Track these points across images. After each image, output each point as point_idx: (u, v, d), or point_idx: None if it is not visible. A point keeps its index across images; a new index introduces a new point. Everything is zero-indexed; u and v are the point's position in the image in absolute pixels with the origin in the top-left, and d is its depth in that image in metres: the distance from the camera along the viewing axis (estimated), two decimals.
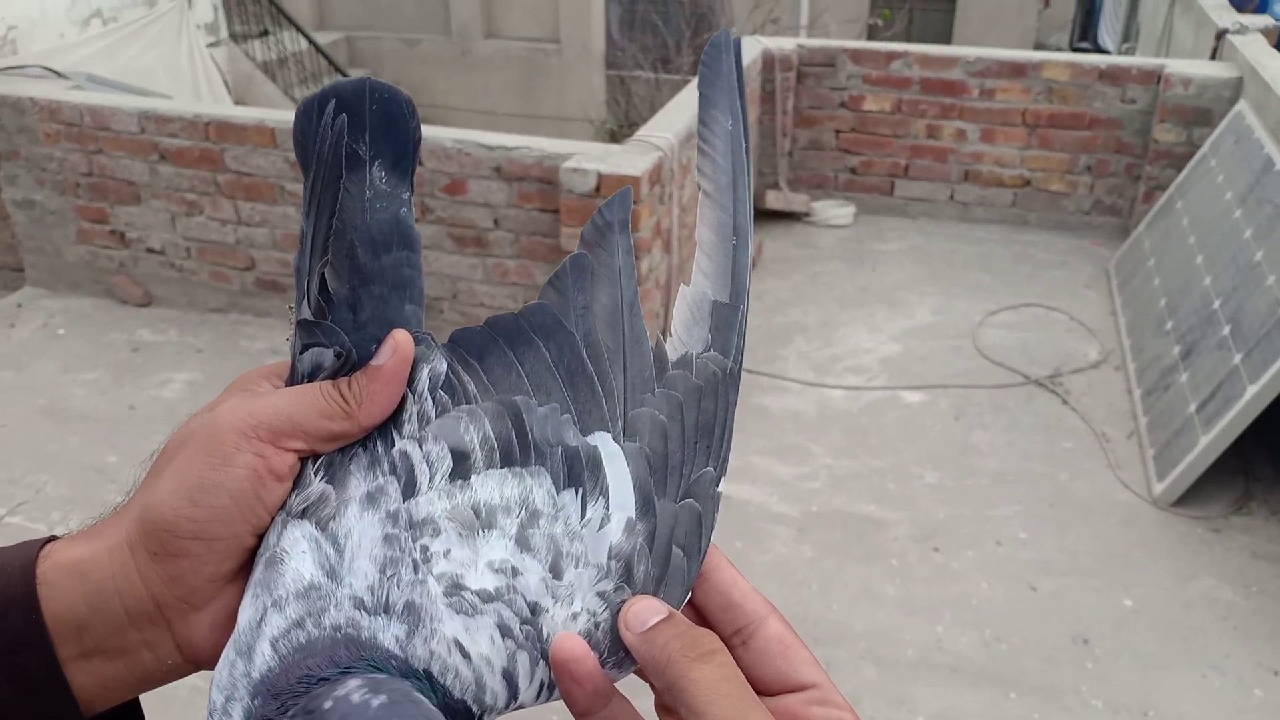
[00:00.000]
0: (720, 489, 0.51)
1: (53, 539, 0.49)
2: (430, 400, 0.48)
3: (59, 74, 5.03)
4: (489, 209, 4.11)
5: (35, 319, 4.70)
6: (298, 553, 0.45)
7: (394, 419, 0.48)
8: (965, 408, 4.04)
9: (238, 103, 7.90)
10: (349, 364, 0.48)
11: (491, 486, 0.46)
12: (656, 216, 3.98)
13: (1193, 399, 3.57)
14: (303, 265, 0.50)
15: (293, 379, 0.50)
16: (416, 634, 0.44)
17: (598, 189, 3.77)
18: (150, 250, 4.70)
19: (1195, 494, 3.44)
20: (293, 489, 0.47)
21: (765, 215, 5.65)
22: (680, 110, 4.42)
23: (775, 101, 5.51)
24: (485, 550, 0.45)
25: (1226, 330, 3.62)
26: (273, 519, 0.47)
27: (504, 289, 4.24)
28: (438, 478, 0.47)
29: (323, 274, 0.49)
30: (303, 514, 0.46)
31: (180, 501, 0.46)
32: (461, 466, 0.47)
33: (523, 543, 0.46)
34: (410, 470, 0.47)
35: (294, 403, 0.47)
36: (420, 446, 0.47)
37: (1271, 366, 3.22)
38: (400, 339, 0.48)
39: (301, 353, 0.49)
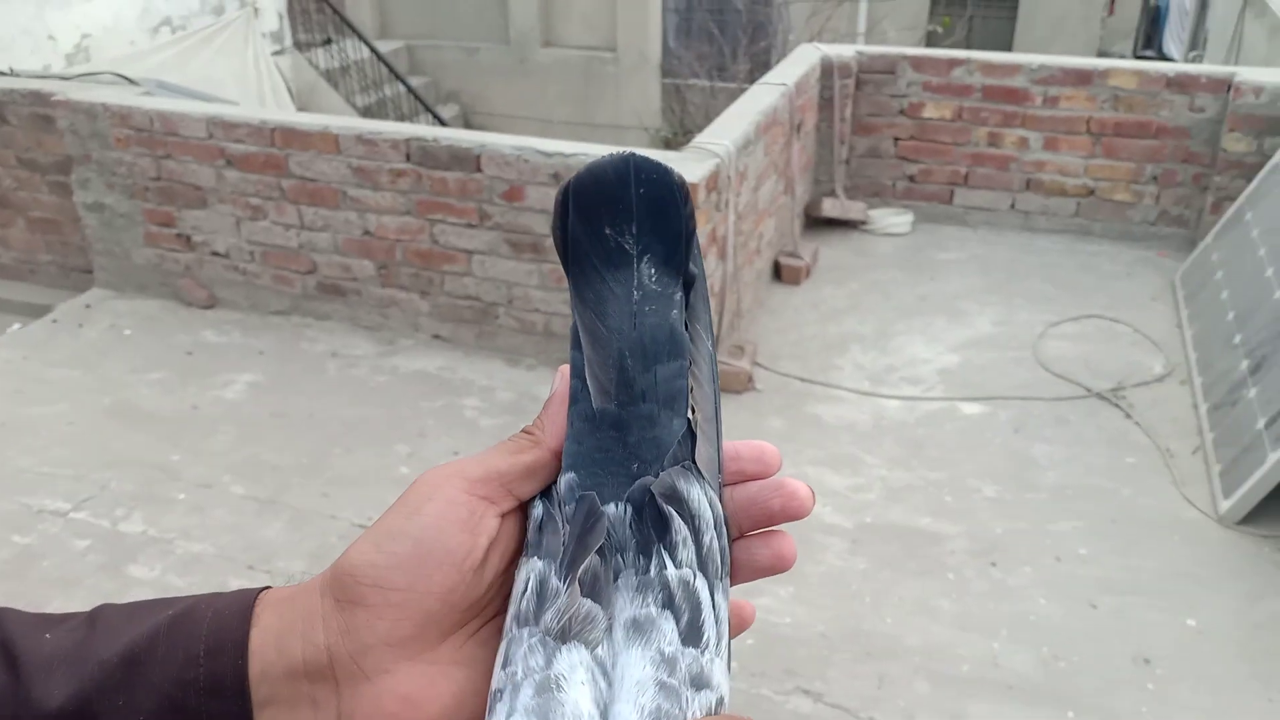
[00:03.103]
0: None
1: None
2: (715, 536, 0.44)
3: (130, 80, 5.16)
4: (546, 215, 4.14)
5: (103, 320, 4.82)
6: (575, 682, 0.40)
7: (659, 532, 0.44)
8: (1025, 420, 3.97)
9: (301, 110, 8.04)
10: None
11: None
12: (713, 224, 3.98)
13: (1261, 415, 3.48)
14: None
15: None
16: None
17: None
18: (215, 253, 4.80)
19: (1263, 512, 3.34)
20: (524, 591, 0.44)
21: (821, 223, 5.62)
22: (737, 118, 4.41)
23: (833, 109, 5.47)
24: None
25: None
26: (473, 604, 0.45)
27: (559, 294, 4.26)
28: (724, 644, 0.42)
29: (584, 390, 0.46)
30: (563, 634, 0.42)
31: (367, 547, 0.46)
32: (730, 651, 0.43)
33: None
34: (697, 610, 0.42)
35: (490, 450, 0.48)
36: (711, 593, 0.43)
37: None
38: (564, 370, 0.48)
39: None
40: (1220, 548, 3.29)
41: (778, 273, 5.13)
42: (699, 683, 0.40)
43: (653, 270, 0.45)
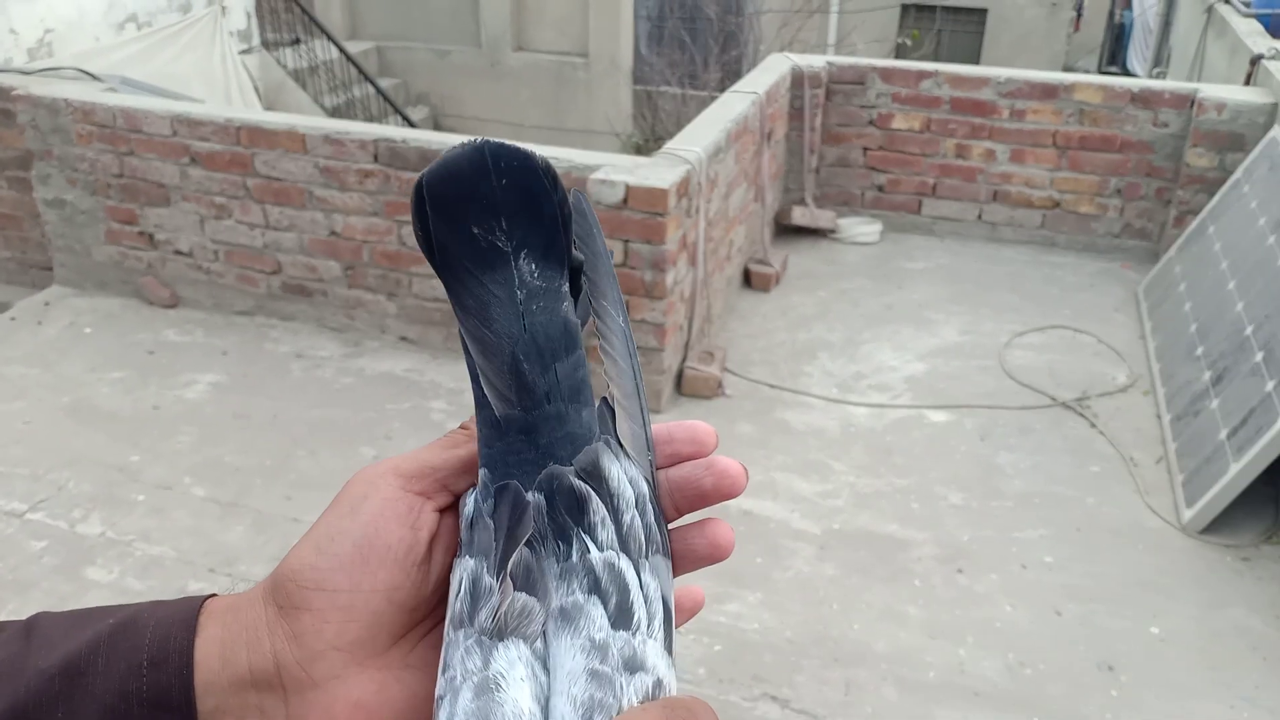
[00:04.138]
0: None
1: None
2: (636, 515, 0.42)
3: (94, 76, 5.08)
4: None
5: (63, 318, 4.73)
6: (515, 679, 0.39)
7: (576, 515, 0.42)
8: (991, 429, 4.00)
9: (268, 109, 7.96)
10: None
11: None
12: (683, 230, 3.97)
13: (1224, 426, 3.52)
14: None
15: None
16: None
17: (625, 200, 3.77)
18: (178, 252, 4.73)
19: (1225, 522, 3.39)
20: (458, 593, 0.42)
21: (791, 231, 5.64)
22: (708, 125, 4.42)
23: (804, 118, 5.50)
24: None
25: (1259, 357, 3.57)
26: (424, 610, 0.44)
27: None
28: (655, 624, 0.41)
29: (485, 396, 0.43)
30: (499, 631, 0.40)
31: (307, 550, 0.44)
32: (669, 633, 0.41)
33: None
34: (624, 592, 0.41)
35: (424, 446, 0.47)
36: (638, 573, 0.41)
37: None
38: None
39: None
40: (1183, 556, 3.32)
41: (748, 279, 5.14)
42: (633, 666, 0.39)
43: (533, 265, 0.42)
